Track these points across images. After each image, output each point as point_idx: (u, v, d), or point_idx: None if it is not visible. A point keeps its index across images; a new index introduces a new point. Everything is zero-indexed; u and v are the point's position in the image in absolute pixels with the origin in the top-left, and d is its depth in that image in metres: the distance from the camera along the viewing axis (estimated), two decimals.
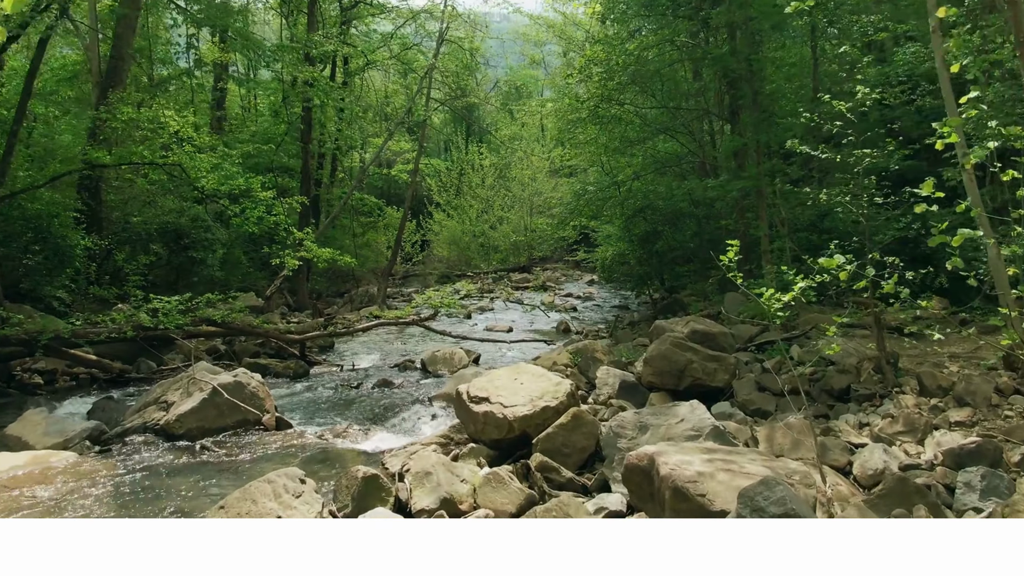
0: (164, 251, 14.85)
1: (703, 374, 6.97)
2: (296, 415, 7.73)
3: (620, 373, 7.81)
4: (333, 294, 23.20)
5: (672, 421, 4.66)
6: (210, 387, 6.18)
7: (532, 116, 40.47)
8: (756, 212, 9.48)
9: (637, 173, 14.98)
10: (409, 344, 13.75)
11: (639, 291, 16.93)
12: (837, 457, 4.85)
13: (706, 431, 4.60)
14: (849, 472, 4.83)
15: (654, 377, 7.15)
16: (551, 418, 5.07)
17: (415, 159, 21.95)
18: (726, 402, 6.84)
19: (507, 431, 5.06)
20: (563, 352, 9.30)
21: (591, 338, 13.83)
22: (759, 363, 7.41)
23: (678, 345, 7.15)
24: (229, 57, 23.53)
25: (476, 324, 16.43)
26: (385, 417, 7.70)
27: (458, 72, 24.96)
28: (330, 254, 13.58)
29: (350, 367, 11.39)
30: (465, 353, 11.41)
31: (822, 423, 5.85)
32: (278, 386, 9.76)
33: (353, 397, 9.11)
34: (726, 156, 11.73)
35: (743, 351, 7.94)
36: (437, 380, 10.31)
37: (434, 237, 32.29)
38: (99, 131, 13.77)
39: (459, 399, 5.62)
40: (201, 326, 9.99)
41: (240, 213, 13.04)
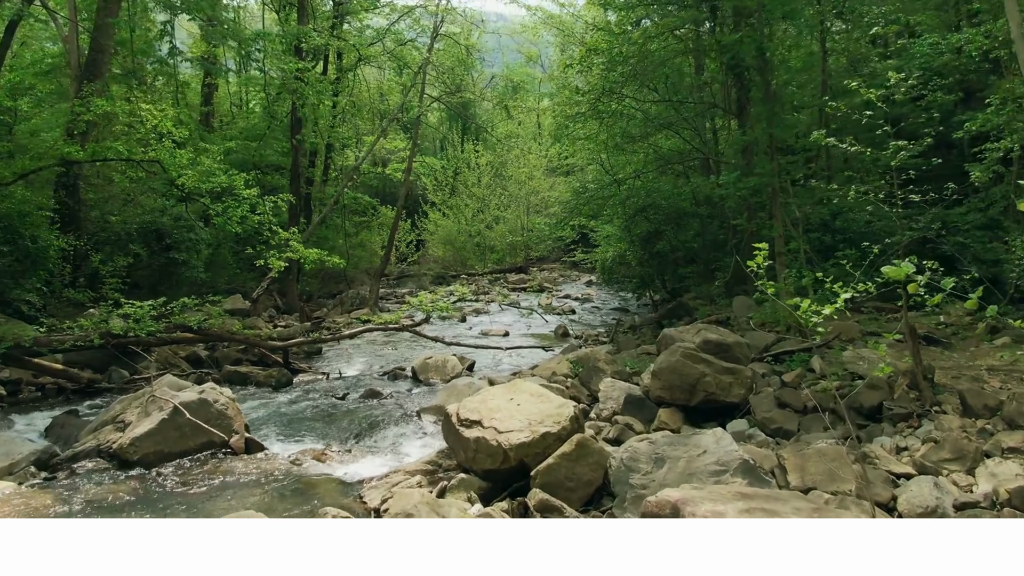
0: (144, 252, 14.16)
1: (717, 388, 6.37)
2: (272, 433, 7.09)
3: (625, 386, 7.19)
4: (325, 295, 22.52)
5: (693, 453, 4.04)
6: (170, 406, 5.54)
7: (528, 114, 39.87)
8: (769, 211, 8.88)
9: (638, 171, 14.37)
10: (401, 349, 13.12)
11: (640, 293, 16.33)
12: (880, 491, 4.24)
13: (734, 466, 3.98)
14: (893, 508, 4.22)
15: (663, 391, 6.54)
16: (552, 446, 4.44)
17: (409, 156, 21.27)
18: (743, 420, 6.23)
19: (502, 460, 4.44)
20: (563, 361, 8.69)
21: (590, 343, 13.22)
22: (777, 376, 6.80)
23: (689, 357, 6.54)
24: (219, 51, 22.88)
25: (471, 327, 15.80)
26: (369, 435, 7.06)
27: (453, 68, 24.30)
28: (317, 255, 12.92)
29: (336, 375, 10.75)
30: (459, 360, 10.78)
31: (855, 446, 5.24)
32: (257, 397, 9.13)
33: (337, 410, 8.47)
34: (736, 152, 11.12)
35: (758, 361, 7.33)
36: (428, 390, 9.69)
37: (429, 237, 31.65)
38: (74, 126, 13.10)
39: (448, 422, 4.99)
40: (175, 333, 9.34)
41: (222, 212, 12.40)
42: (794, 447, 5.21)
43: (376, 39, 23.32)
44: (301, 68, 12.40)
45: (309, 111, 17.80)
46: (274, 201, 12.53)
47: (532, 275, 28.80)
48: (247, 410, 8.30)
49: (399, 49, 23.99)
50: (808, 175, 12.09)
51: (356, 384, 10.12)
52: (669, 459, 3.99)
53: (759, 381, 6.71)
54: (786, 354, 7.16)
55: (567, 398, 7.55)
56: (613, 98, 10.92)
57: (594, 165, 18.87)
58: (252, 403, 8.71)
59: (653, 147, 13.33)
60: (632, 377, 8.01)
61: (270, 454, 5.90)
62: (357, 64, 23.04)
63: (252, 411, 8.22)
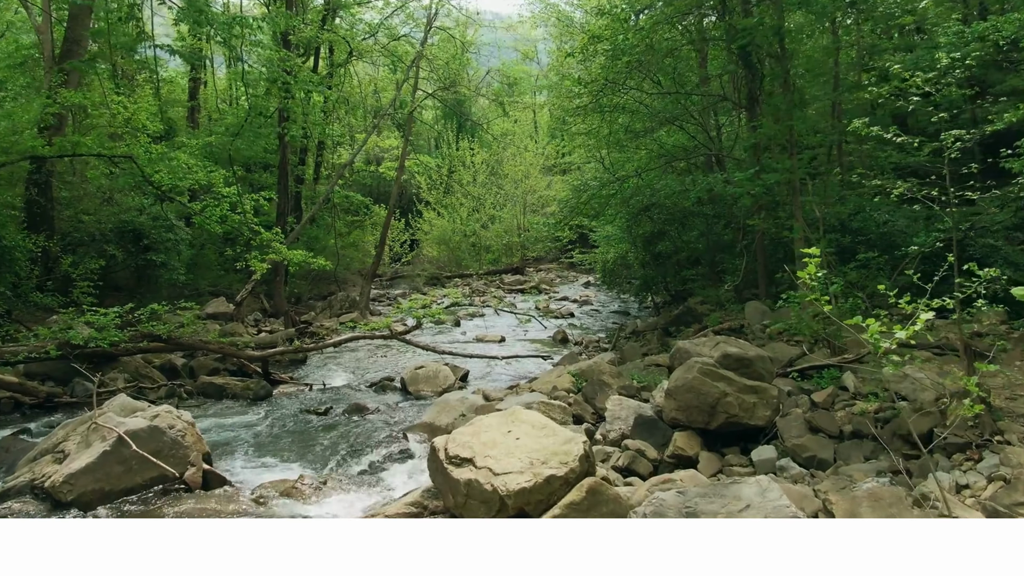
0: (120, 253, 13.39)
1: (740, 410, 5.65)
2: (239, 459, 6.35)
3: (634, 405, 6.48)
4: (315, 296, 21.76)
5: (733, 508, 3.32)
6: (114, 436, 4.79)
7: (525, 111, 39.10)
8: (788, 210, 8.17)
9: (639, 169, 13.62)
10: (391, 356, 12.38)
11: (643, 297, 15.61)
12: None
13: None
14: None
15: (679, 413, 5.82)
16: (558, 492, 3.71)
17: (401, 153, 20.51)
18: (770, 446, 5.52)
19: (498, 508, 3.71)
20: (564, 374, 7.96)
21: (591, 350, 12.51)
22: (807, 395, 6.08)
23: (708, 374, 5.82)
24: (203, 44, 22.08)
25: (465, 332, 15.07)
26: (349, 461, 6.33)
27: (448, 62, 23.54)
28: (302, 256, 12.18)
29: (320, 386, 10.01)
30: (451, 371, 10.05)
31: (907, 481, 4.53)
32: (231, 412, 8.38)
33: (317, 428, 7.73)
34: (746, 148, 10.41)
35: (782, 377, 6.61)
36: (418, 404, 8.96)
37: (423, 237, 30.89)
38: (43, 119, 12.33)
39: (435, 458, 4.26)
40: (142, 342, 8.58)
41: (200, 211, 11.66)
42: (835, 483, 4.50)
43: (369, 34, 22.55)
44: (283, 57, 11.62)
45: (296, 106, 17.05)
46: (255, 199, 11.78)
47: (529, 276, 28.08)
48: (217, 429, 7.58)
49: (392, 45, 23.21)
50: (813, 173, 11.41)
51: (340, 397, 9.38)
52: (703, 515, 3.28)
53: (786, 401, 6.00)
54: (813, 369, 6.45)
55: (570, 416, 6.87)
56: (617, 90, 10.20)
57: (592, 163, 18.16)
58: (223, 420, 7.97)
59: (657, 143, 12.60)
60: (640, 392, 7.30)
61: (231, 490, 5.15)
62: (348, 58, 22.24)
63: (222, 431, 7.49)
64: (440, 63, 23.93)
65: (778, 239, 11.13)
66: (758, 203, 10.36)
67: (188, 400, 9.08)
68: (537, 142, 33.86)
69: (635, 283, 15.72)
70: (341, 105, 25.74)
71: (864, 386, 5.90)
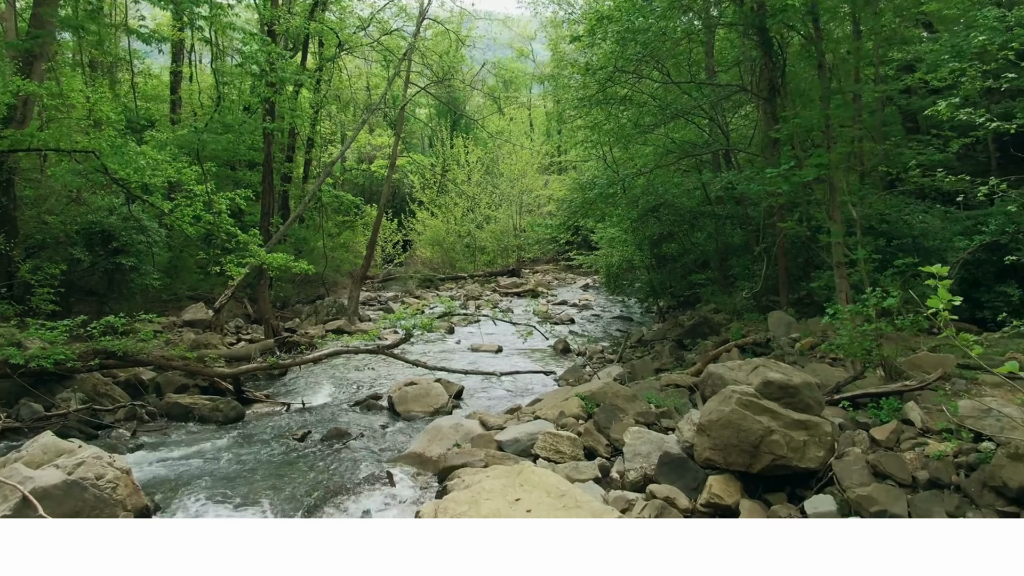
0: (87, 257, 12.37)
1: (788, 450, 4.73)
2: (193, 502, 5.39)
3: (657, 439, 5.55)
4: (303, 300, 20.76)
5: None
6: (18, 496, 3.84)
7: (520, 110, 38.13)
8: (825, 210, 7.25)
9: (642, 169, 12.67)
10: (379, 368, 11.41)
11: (650, 304, 14.68)
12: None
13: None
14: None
15: (714, 453, 4.90)
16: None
17: (392, 148, 19.53)
18: (826, 496, 4.59)
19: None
20: (572, 397, 7.01)
21: (595, 361, 11.58)
22: (863, 430, 5.15)
23: (748, 406, 4.90)
24: (185, 36, 21.08)
25: (460, 341, 14.10)
26: (322, 506, 5.38)
27: (442, 56, 22.58)
28: (283, 260, 11.20)
29: (299, 405, 9.05)
30: (444, 387, 9.11)
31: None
32: (195, 440, 7.41)
33: (291, 460, 6.78)
34: (771, 142, 9.48)
35: (830, 405, 5.68)
36: (407, 427, 8.02)
37: (416, 237, 29.90)
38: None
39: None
40: (93, 360, 7.59)
41: (171, 211, 10.68)
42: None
43: (360, 27, 21.54)
44: (263, 40, 10.64)
45: (283, 100, 16.08)
46: (231, 197, 10.79)
47: (525, 278, 27.13)
48: (174, 462, 6.62)
49: (385, 39, 22.21)
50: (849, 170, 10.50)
51: (321, 418, 8.42)
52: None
53: (840, 437, 5.07)
54: (867, 397, 5.52)
55: (580, 449, 5.94)
56: (626, 79, 9.27)
57: (592, 161, 17.21)
58: (185, 450, 7.01)
59: (669, 137, 11.66)
60: (660, 419, 6.37)
61: None
62: (338, 51, 21.21)
63: (180, 464, 6.53)
64: (434, 57, 23.00)
65: (799, 242, 10.22)
66: (788, 202, 9.45)
67: (149, 423, 8.12)
68: (533, 140, 32.94)
69: (642, 288, 14.78)
70: (332, 102, 24.80)
71: (934, 421, 4.98)
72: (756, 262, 11.32)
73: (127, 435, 7.65)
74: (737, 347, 7.91)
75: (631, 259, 14.05)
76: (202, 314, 15.32)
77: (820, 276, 9.53)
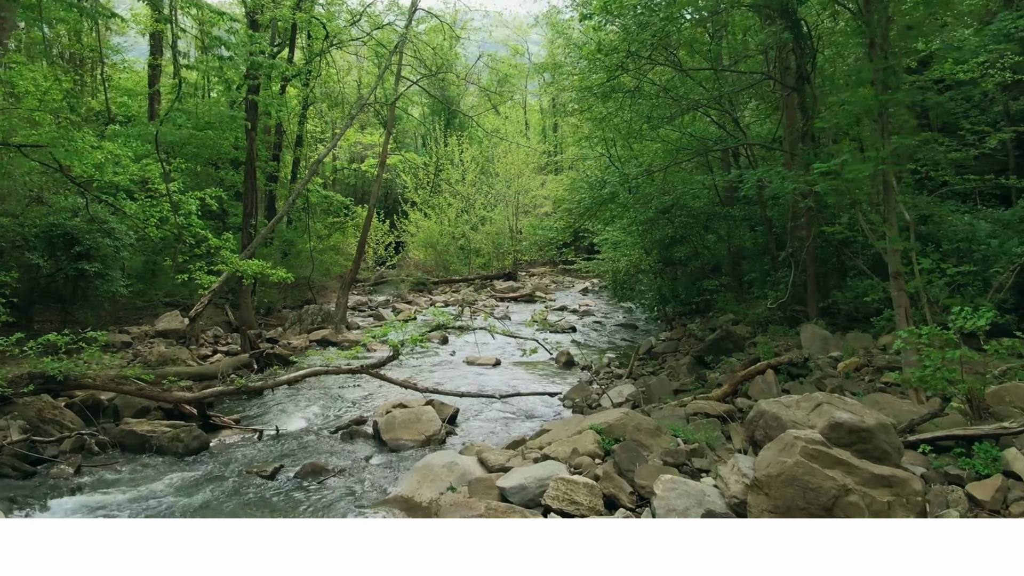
0: (47, 262, 11.28)
1: (870, 514, 3.74)
2: None
3: (696, 490, 4.55)
4: (289, 306, 19.68)
5: None
6: None
7: (515, 109, 37.20)
8: (882, 212, 6.28)
9: (653, 166, 11.67)
10: (365, 386, 10.38)
11: (659, 313, 13.69)
12: None
13: None
14: None
15: (776, 517, 3.90)
16: None
17: (383, 145, 18.49)
18: None
19: None
20: (586, 430, 6.00)
21: (602, 376, 10.58)
22: (957, 486, 4.16)
23: (816, 457, 3.92)
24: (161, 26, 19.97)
25: (454, 353, 13.08)
26: None
27: (435, 49, 21.57)
28: (259, 267, 10.18)
29: (272, 431, 8.00)
30: (436, 410, 8.09)
31: None
32: (145, 478, 6.37)
33: (256, 504, 5.76)
34: (803, 134, 8.51)
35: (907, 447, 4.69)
36: (394, 460, 7.00)
37: (409, 239, 28.85)
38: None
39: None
40: (27, 386, 6.55)
41: (133, 212, 9.65)
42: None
43: (351, 21, 20.50)
44: (226, 16, 9.60)
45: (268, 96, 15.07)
46: (200, 196, 9.75)
47: (522, 281, 26.15)
48: (116, 509, 5.58)
49: (376, 34, 21.18)
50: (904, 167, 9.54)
51: (296, 448, 7.40)
52: None
53: (930, 495, 4.09)
54: (951, 440, 4.53)
55: (599, 497, 4.93)
56: (638, 66, 8.29)
57: (592, 160, 16.22)
58: (133, 492, 5.98)
59: (680, 130, 10.67)
60: (691, 459, 5.38)
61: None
62: (325, 42, 20.16)
63: (121, 512, 5.49)
64: (427, 51, 22.00)
65: (830, 247, 9.25)
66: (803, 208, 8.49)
67: (98, 456, 7.06)
68: (529, 139, 32.00)
69: (650, 295, 13.78)
70: (322, 99, 23.75)
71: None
72: (775, 268, 10.36)
73: (70, 471, 6.60)
74: (772, 368, 6.93)
75: (639, 264, 13.06)
76: (177, 323, 14.24)
77: (856, 284, 8.56)
